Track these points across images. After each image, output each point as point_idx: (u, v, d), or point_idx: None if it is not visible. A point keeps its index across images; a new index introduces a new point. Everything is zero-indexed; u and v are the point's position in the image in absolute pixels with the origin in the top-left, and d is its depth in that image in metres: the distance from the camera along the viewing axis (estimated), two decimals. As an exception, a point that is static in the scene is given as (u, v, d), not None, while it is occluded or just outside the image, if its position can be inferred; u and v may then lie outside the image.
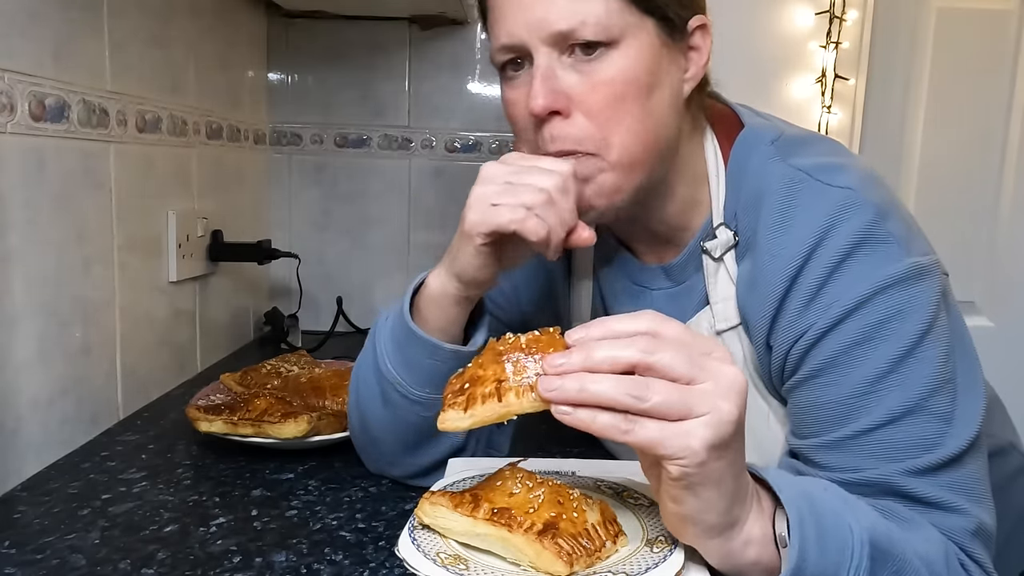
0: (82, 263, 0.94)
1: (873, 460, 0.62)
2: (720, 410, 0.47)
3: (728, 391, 0.48)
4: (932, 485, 0.61)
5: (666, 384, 0.47)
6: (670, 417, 0.47)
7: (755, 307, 0.69)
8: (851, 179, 0.67)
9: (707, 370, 0.48)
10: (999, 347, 1.74)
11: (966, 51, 1.75)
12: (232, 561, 0.68)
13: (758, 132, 0.74)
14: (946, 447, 0.61)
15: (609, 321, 0.50)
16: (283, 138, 1.66)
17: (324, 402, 1.01)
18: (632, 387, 0.47)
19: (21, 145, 0.82)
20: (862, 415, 0.62)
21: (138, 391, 1.09)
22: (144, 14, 1.09)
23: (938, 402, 0.62)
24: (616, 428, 0.47)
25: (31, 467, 0.85)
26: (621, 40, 0.66)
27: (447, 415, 0.52)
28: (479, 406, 0.51)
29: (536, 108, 0.66)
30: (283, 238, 1.67)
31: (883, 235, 0.64)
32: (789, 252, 0.66)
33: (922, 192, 1.80)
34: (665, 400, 0.47)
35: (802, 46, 1.66)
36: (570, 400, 0.47)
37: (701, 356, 0.49)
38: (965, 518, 0.61)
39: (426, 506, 0.60)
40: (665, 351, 0.48)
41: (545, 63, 0.66)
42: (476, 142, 1.66)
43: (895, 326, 0.62)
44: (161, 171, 1.15)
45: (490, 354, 0.53)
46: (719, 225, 0.74)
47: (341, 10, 1.57)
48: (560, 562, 0.53)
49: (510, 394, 0.50)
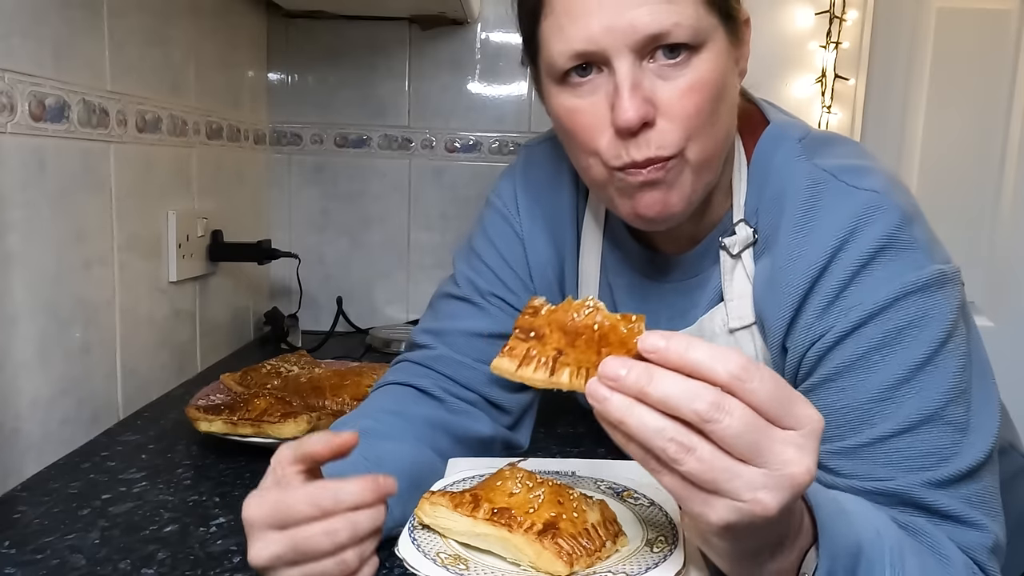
0: (82, 263, 0.94)
1: (889, 468, 0.61)
2: (758, 502, 0.41)
3: (781, 485, 0.42)
4: (951, 498, 0.60)
5: (713, 453, 0.42)
6: (701, 487, 0.42)
7: (773, 308, 0.68)
8: (876, 182, 0.65)
9: (771, 454, 0.42)
10: (999, 347, 1.73)
11: (966, 51, 1.75)
12: (232, 561, 0.68)
13: (785, 129, 0.73)
14: (963, 458, 0.60)
15: (692, 348, 0.43)
16: (283, 138, 1.66)
17: (324, 402, 1.01)
18: (672, 444, 0.42)
19: (21, 145, 0.82)
20: (878, 422, 0.61)
21: (138, 391, 1.09)
22: (144, 14, 1.09)
23: (954, 412, 0.61)
24: (644, 464, 0.44)
25: (31, 467, 0.85)
26: (705, 44, 0.64)
27: (501, 361, 0.49)
28: (529, 369, 0.48)
29: (630, 122, 0.62)
30: (283, 238, 1.67)
31: (908, 240, 0.63)
32: (811, 254, 0.65)
33: (922, 192, 1.79)
34: (702, 473, 0.42)
35: (802, 46, 1.66)
36: (610, 422, 0.44)
37: (773, 435, 0.42)
38: (983, 534, 0.60)
39: (426, 506, 0.60)
40: (730, 419, 0.41)
41: (629, 71, 0.62)
42: (476, 142, 1.66)
43: (915, 333, 0.61)
44: (161, 171, 1.15)
45: (563, 315, 0.49)
46: (739, 221, 0.72)
47: (341, 10, 1.57)
48: (560, 562, 0.53)
49: (564, 372, 0.47)
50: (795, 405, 0.43)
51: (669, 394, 0.42)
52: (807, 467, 0.42)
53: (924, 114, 1.78)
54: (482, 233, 0.87)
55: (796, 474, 0.42)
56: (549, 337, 0.49)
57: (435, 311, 0.87)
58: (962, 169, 1.79)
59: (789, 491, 0.42)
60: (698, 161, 0.66)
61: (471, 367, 0.82)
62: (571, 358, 0.48)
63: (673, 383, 0.42)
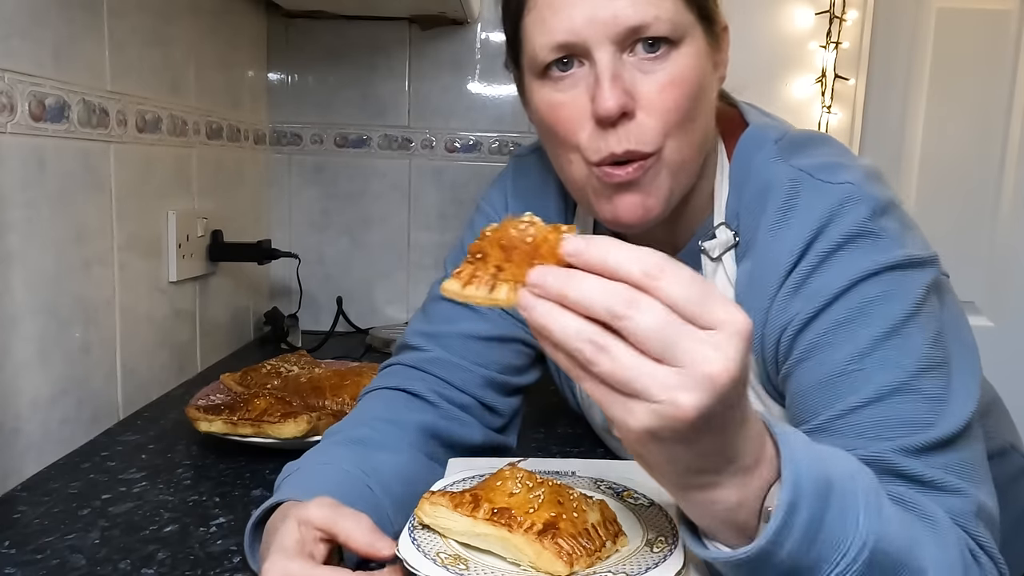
0: (82, 263, 0.94)
1: (863, 440, 0.61)
2: (673, 403, 0.40)
3: (696, 384, 0.40)
4: (927, 466, 0.60)
5: (627, 353, 0.41)
6: (619, 390, 0.42)
7: (754, 306, 0.68)
8: (851, 175, 0.67)
9: (686, 352, 0.40)
10: (999, 347, 1.74)
11: (966, 51, 1.76)
12: (232, 561, 0.68)
13: (763, 132, 0.74)
14: (938, 428, 0.60)
15: (611, 249, 0.42)
16: (283, 138, 1.66)
17: (324, 402, 1.01)
18: (588, 344, 0.41)
19: (21, 145, 0.82)
20: (847, 394, 0.62)
21: (138, 391, 1.09)
22: (144, 14, 1.09)
23: (928, 384, 0.61)
24: (570, 372, 0.43)
25: (31, 467, 0.85)
26: (683, 39, 0.65)
27: (449, 283, 0.49)
28: (472, 288, 0.48)
29: (610, 111, 0.63)
30: (283, 238, 1.67)
31: (876, 230, 0.64)
32: (786, 248, 0.66)
33: (922, 192, 1.80)
34: (614, 373, 0.41)
35: (802, 46, 1.66)
36: (536, 328, 0.43)
37: (689, 333, 0.41)
38: (965, 499, 0.60)
39: (426, 506, 0.60)
40: (641, 316, 0.40)
41: (610, 62, 0.64)
42: (476, 142, 1.66)
43: (879, 308, 0.62)
44: (161, 171, 1.15)
45: (502, 232, 0.49)
46: (719, 225, 0.73)
47: (341, 10, 1.57)
48: (560, 562, 0.53)
49: (503, 288, 0.47)
50: (714, 304, 0.42)
51: (584, 294, 0.41)
52: (725, 367, 0.40)
53: (924, 114, 1.78)
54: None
55: (713, 373, 0.40)
56: (490, 255, 0.49)
57: (428, 314, 0.87)
58: (962, 169, 1.79)
59: (707, 392, 0.40)
60: (675, 162, 0.67)
61: (467, 369, 0.82)
62: (509, 274, 0.47)
63: (590, 284, 0.42)
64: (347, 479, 0.66)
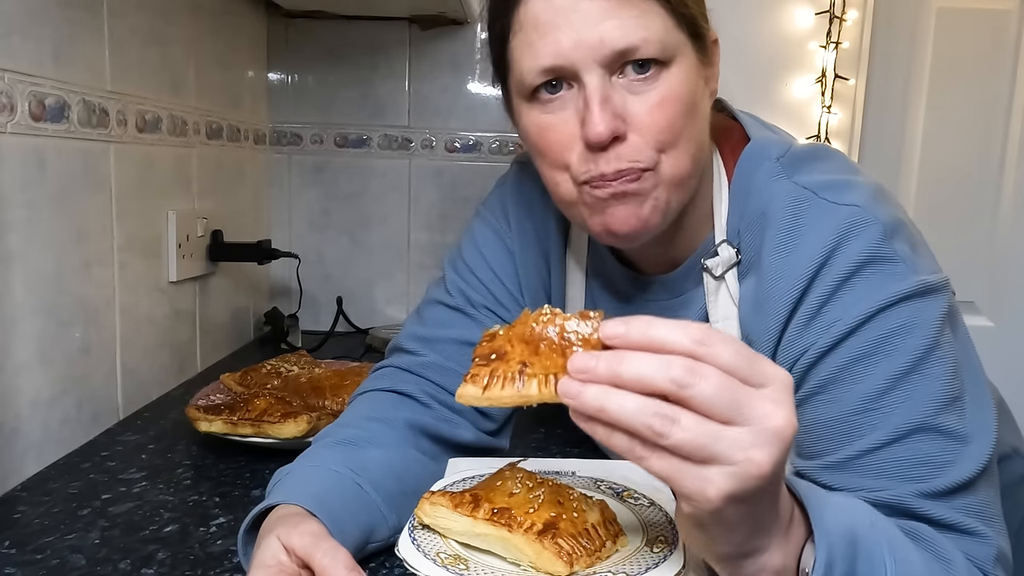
0: (82, 263, 0.94)
1: (882, 480, 0.60)
2: (751, 462, 0.41)
3: (768, 440, 0.42)
4: (947, 509, 0.59)
5: (696, 420, 0.41)
6: (692, 459, 0.42)
7: (760, 329, 0.67)
8: (857, 196, 0.65)
9: (750, 411, 0.42)
10: (999, 347, 1.74)
11: (966, 51, 1.76)
12: (232, 561, 0.68)
13: (764, 147, 0.72)
14: (959, 469, 0.59)
15: (652, 325, 0.43)
16: (283, 138, 1.66)
17: (324, 402, 1.01)
18: (655, 418, 0.41)
19: (21, 145, 0.82)
20: (867, 432, 0.61)
21: (138, 391, 1.09)
22: (144, 14, 1.09)
23: (946, 421, 0.60)
24: (631, 453, 0.43)
25: (31, 467, 0.85)
26: (674, 59, 0.64)
27: (466, 389, 0.49)
28: (497, 388, 0.48)
29: (600, 136, 0.62)
30: (283, 238, 1.67)
31: (889, 254, 0.62)
32: (795, 273, 0.64)
33: (922, 192, 1.80)
34: (689, 442, 0.41)
35: (802, 46, 1.66)
36: (588, 414, 0.43)
37: (748, 392, 0.42)
38: (986, 544, 0.59)
39: (426, 506, 0.60)
40: (705, 382, 0.41)
41: (599, 85, 0.62)
42: (476, 142, 1.66)
43: (898, 342, 0.60)
44: (161, 171, 1.15)
45: (522, 328, 0.49)
46: (721, 242, 0.72)
47: (341, 10, 1.57)
48: (560, 562, 0.53)
49: (533, 383, 0.47)
50: (761, 364, 0.44)
51: (642, 371, 0.42)
52: (788, 420, 0.42)
53: (924, 114, 1.78)
54: (472, 244, 0.86)
55: (779, 427, 0.42)
56: (512, 353, 0.48)
57: (424, 318, 0.86)
58: (962, 169, 1.79)
59: (777, 446, 0.42)
60: (671, 177, 0.66)
61: (461, 375, 0.81)
62: (537, 367, 0.47)
63: (644, 360, 0.42)
64: (337, 480, 0.66)
